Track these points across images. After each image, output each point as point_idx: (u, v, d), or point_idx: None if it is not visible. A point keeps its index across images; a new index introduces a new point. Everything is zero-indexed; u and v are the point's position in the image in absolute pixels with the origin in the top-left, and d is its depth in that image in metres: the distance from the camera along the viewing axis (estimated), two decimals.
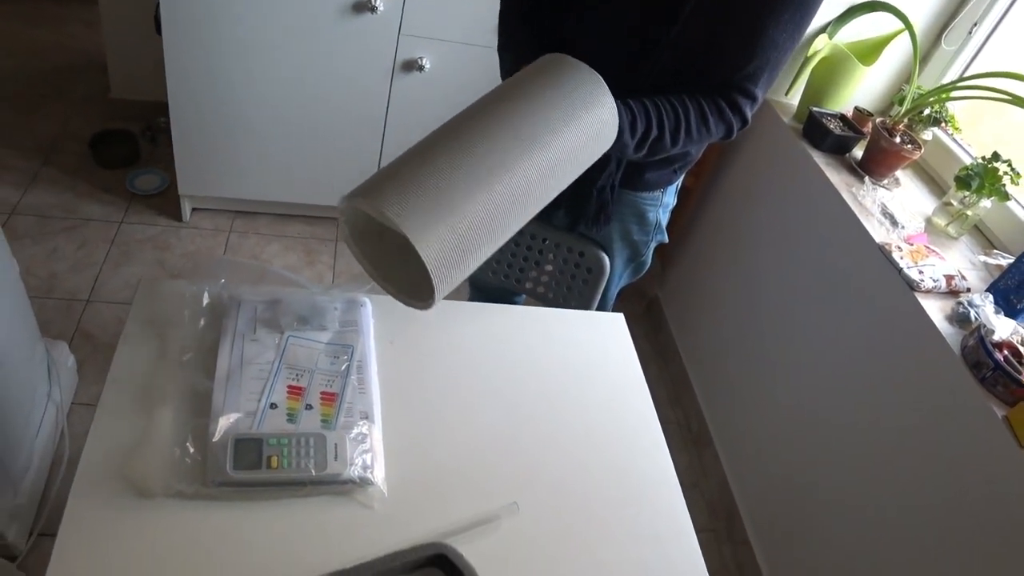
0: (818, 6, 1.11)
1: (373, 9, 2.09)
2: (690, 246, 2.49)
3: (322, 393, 0.99)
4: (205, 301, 1.08)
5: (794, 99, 2.17)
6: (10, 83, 3.16)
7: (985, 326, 1.44)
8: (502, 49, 1.29)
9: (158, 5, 2.04)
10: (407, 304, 0.87)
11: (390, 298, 0.88)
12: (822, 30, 2.06)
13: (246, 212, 2.70)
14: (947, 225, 1.81)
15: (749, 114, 1.16)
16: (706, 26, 1.11)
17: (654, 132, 1.05)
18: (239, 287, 1.11)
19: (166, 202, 2.66)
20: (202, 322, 1.06)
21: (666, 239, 1.55)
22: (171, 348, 1.03)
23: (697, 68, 1.15)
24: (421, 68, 2.20)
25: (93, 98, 3.11)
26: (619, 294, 1.67)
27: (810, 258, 1.91)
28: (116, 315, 2.24)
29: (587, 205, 1.38)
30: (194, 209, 2.65)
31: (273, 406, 0.96)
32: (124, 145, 2.80)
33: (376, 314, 1.14)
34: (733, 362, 2.19)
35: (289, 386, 0.99)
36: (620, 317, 1.29)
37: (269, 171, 2.46)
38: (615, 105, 0.93)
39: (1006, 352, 1.41)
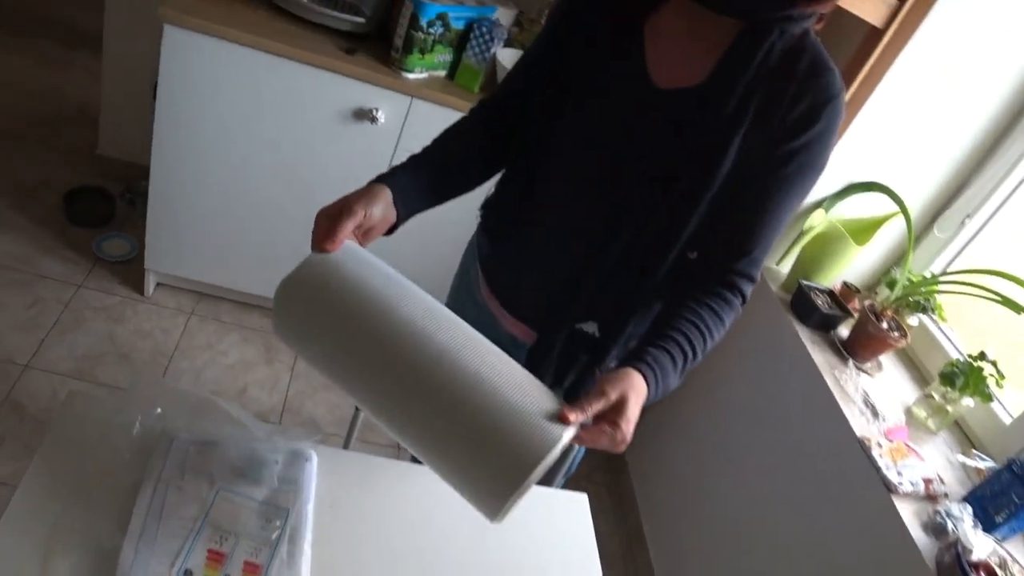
0: (814, 184, 1.08)
1: (373, 120, 2.06)
2: (662, 400, 2.42)
3: (245, 563, 0.88)
4: (135, 431, 0.98)
5: (784, 267, 2.14)
6: (1, 119, 3.08)
7: (963, 543, 1.37)
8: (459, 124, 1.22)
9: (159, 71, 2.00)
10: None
11: (338, 452, 0.83)
12: (818, 204, 2.06)
13: (210, 295, 2.59)
14: (927, 418, 1.76)
15: (749, 296, 1.11)
16: (717, 210, 1.06)
17: (688, 359, 1.01)
18: (175, 420, 1.01)
19: (130, 272, 2.54)
20: (127, 456, 0.96)
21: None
22: (85, 484, 0.92)
23: (696, 248, 1.10)
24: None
25: (79, 150, 3.03)
26: None
27: (785, 434, 1.85)
28: (52, 387, 2.10)
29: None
30: (158, 284, 2.54)
31: (187, 573, 0.85)
32: (100, 204, 2.70)
33: (320, 470, 1.04)
34: (691, 525, 2.09)
35: (210, 551, 0.88)
36: (583, 499, 1.20)
37: (240, 258, 2.37)
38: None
39: (983, 574, 1.34)
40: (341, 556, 0.97)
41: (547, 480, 1.37)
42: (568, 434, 0.82)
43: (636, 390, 0.89)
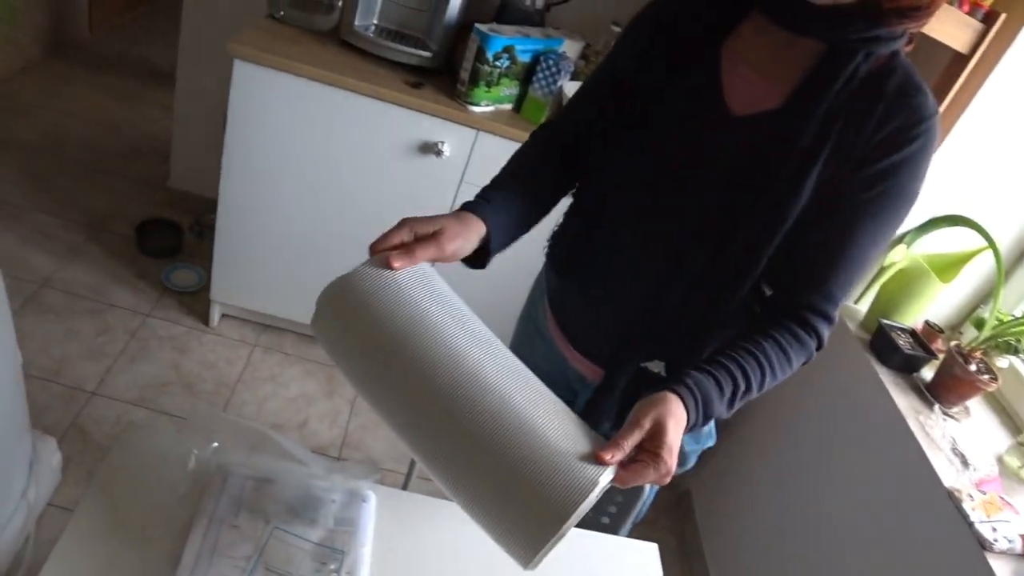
0: (905, 217, 1.00)
1: (439, 153, 2.05)
2: (731, 441, 2.32)
3: None
4: (191, 465, 0.96)
5: (863, 306, 2.04)
6: (78, 152, 3.19)
7: None
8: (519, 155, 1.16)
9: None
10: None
11: (396, 494, 0.78)
12: (900, 240, 1.96)
13: (274, 327, 2.61)
14: (1021, 468, 1.64)
15: (827, 339, 1.03)
16: (794, 243, 1.00)
17: (740, 389, 0.91)
18: (230, 454, 0.98)
19: (196, 302, 2.58)
20: (181, 490, 0.93)
21: (715, 441, 1.38)
22: (139, 516, 0.90)
23: (772, 283, 1.03)
24: None
25: (151, 183, 3.12)
26: None
27: (866, 484, 1.74)
28: (116, 414, 2.12)
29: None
30: (223, 315, 2.57)
31: None
32: (170, 236, 2.77)
33: (378, 511, 1.00)
34: None
35: None
36: (654, 549, 1.13)
37: (305, 291, 2.31)
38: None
39: None
40: None
41: (615, 527, 1.30)
42: (606, 477, 0.76)
43: (674, 415, 0.81)
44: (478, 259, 1.00)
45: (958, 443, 1.64)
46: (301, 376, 2.48)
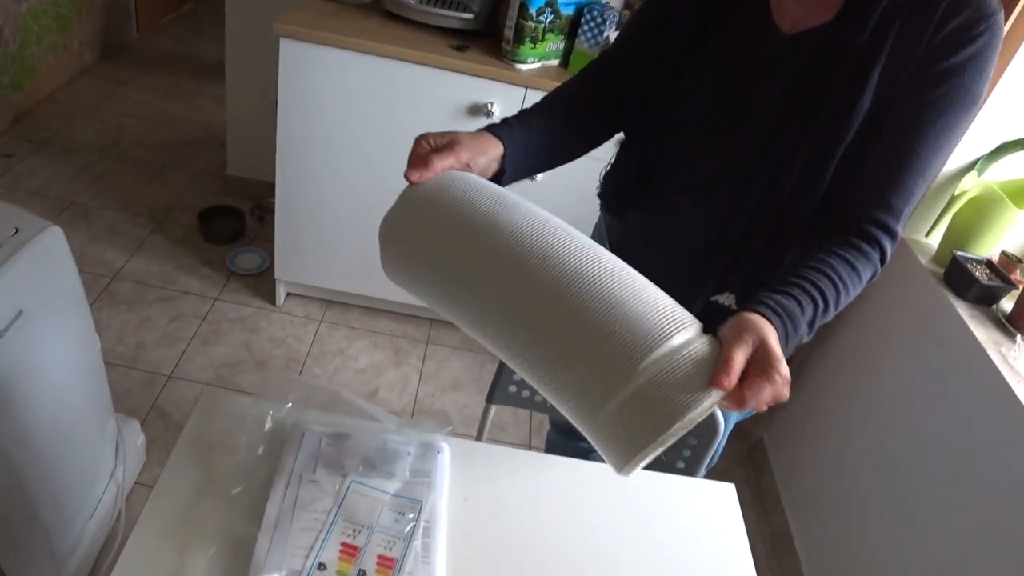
0: (968, 124, 0.95)
1: (489, 114, 2.04)
2: (803, 386, 2.28)
3: (379, 557, 0.86)
4: (267, 425, 0.98)
5: (934, 240, 1.97)
6: (137, 150, 3.29)
7: None
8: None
9: None
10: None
11: (470, 444, 0.77)
12: (971, 167, 1.88)
13: (339, 303, 2.65)
14: None
15: (890, 255, 0.99)
16: (856, 158, 0.96)
17: (820, 309, 0.86)
18: (305, 413, 1.00)
19: (262, 284, 2.64)
20: (260, 450, 0.96)
21: None
22: (221, 476, 0.92)
23: (829, 198, 0.99)
24: (532, 178, 2.12)
25: (209, 172, 3.20)
26: None
27: (948, 421, 1.68)
28: (194, 395, 2.19)
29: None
30: (288, 294, 2.62)
31: (321, 567, 0.83)
32: (232, 222, 2.83)
33: (452, 462, 1.01)
34: (844, 525, 1.94)
35: (343, 544, 0.86)
36: (731, 489, 1.11)
37: (366, 264, 2.40)
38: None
39: None
40: (476, 549, 0.93)
41: (690, 471, 1.29)
42: (713, 398, 0.69)
43: (767, 332, 0.74)
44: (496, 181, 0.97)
45: None
46: (369, 348, 2.51)
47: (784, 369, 0.71)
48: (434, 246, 0.80)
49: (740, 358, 0.70)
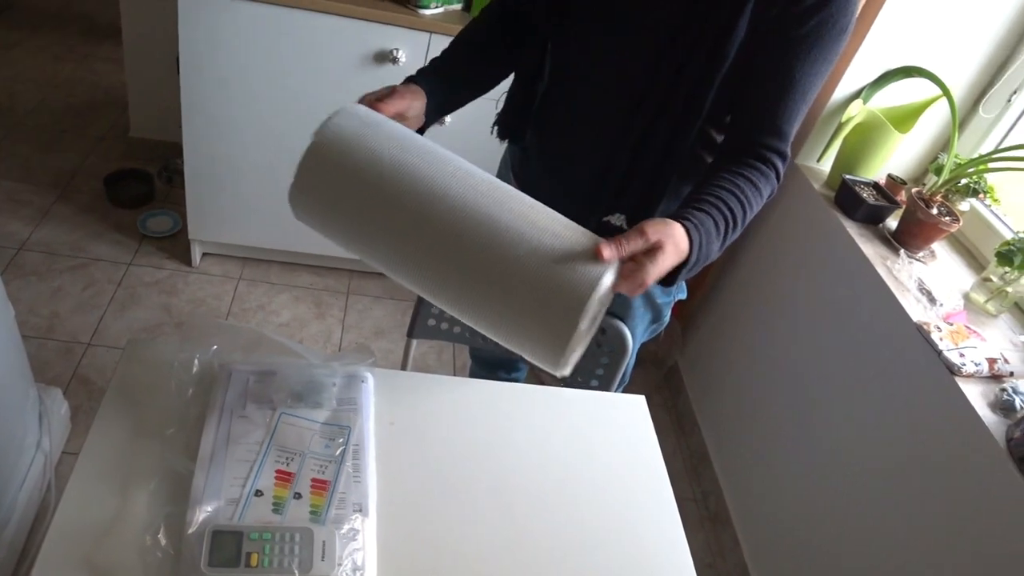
0: (839, 51, 1.03)
1: (395, 60, 2.05)
2: (712, 312, 2.40)
3: (313, 480, 0.90)
4: (195, 369, 1.01)
5: (825, 165, 2.09)
6: (33, 117, 3.15)
7: None
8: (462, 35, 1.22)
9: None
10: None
11: (393, 373, 0.82)
12: (856, 95, 1.99)
13: (256, 259, 2.64)
14: (986, 302, 1.72)
15: (783, 173, 1.08)
16: (739, 84, 1.04)
17: (730, 226, 0.95)
18: (231, 354, 1.03)
19: (176, 245, 2.60)
20: (189, 392, 0.99)
21: (686, 294, 1.45)
22: (153, 420, 0.95)
23: (722, 126, 1.08)
24: (442, 122, 2.15)
25: (112, 136, 3.10)
26: (637, 362, 1.58)
27: (841, 332, 1.82)
28: (115, 361, 2.16)
29: None
30: (204, 254, 2.59)
31: (258, 493, 0.88)
32: (139, 185, 2.77)
33: (377, 390, 1.06)
34: (756, 437, 2.08)
35: (277, 471, 0.90)
36: (641, 400, 1.19)
37: (280, 218, 2.39)
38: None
39: None
40: (406, 469, 0.99)
41: (604, 388, 1.37)
42: (611, 271, 0.79)
43: (676, 242, 0.84)
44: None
45: (925, 283, 1.71)
46: (290, 302, 2.52)
47: (649, 276, 0.81)
48: (347, 191, 0.85)
49: (628, 248, 0.80)
